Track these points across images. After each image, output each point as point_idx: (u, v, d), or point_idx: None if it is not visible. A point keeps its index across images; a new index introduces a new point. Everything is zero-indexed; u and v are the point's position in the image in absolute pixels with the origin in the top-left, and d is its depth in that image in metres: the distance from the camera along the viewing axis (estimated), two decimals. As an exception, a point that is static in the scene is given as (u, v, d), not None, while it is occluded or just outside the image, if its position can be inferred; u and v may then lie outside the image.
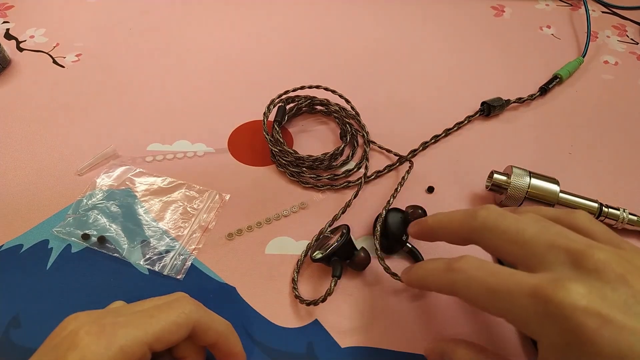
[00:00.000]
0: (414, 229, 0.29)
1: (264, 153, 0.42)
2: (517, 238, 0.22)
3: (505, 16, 0.61)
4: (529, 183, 0.36)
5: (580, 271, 0.20)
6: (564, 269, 0.20)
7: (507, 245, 0.23)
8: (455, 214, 0.26)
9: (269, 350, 0.30)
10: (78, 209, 0.36)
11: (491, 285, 0.21)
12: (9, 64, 0.49)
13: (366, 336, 0.31)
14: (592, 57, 0.55)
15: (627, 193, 0.41)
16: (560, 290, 0.19)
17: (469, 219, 0.25)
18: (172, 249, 0.35)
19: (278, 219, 0.37)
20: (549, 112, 0.48)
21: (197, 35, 0.54)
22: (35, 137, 0.42)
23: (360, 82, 0.50)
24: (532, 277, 0.20)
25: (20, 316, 0.31)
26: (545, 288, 0.19)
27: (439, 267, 0.24)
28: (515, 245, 0.22)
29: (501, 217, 0.24)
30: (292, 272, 0.34)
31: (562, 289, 0.19)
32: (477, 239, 0.24)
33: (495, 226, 0.23)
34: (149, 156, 0.41)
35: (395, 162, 0.41)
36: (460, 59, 0.53)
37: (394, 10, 0.60)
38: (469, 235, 0.25)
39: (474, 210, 0.25)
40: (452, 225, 0.26)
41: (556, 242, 0.21)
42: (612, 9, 0.63)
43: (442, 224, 0.27)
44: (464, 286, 0.22)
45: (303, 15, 0.58)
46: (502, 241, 0.23)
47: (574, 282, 0.19)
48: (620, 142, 0.45)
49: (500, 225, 0.23)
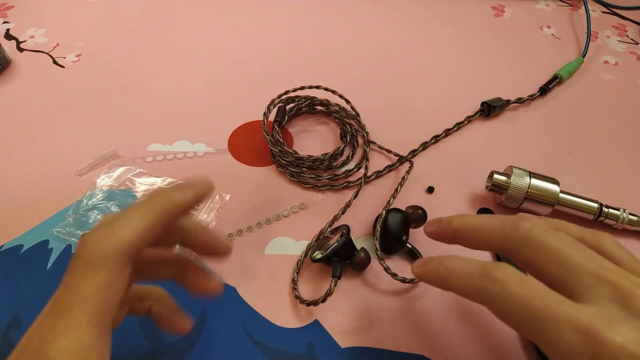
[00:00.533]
0: (432, 228, 0.27)
1: (264, 153, 0.42)
2: (562, 260, 0.21)
3: (505, 16, 0.61)
4: (529, 183, 0.36)
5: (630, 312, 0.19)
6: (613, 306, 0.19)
7: (551, 266, 0.21)
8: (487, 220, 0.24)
9: (269, 350, 0.30)
10: (78, 209, 0.36)
11: (534, 309, 0.20)
12: (9, 64, 0.49)
13: (366, 336, 0.31)
14: (592, 57, 0.55)
15: (627, 193, 0.41)
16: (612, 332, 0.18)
17: (507, 229, 0.23)
18: (172, 249, 0.35)
19: (278, 219, 0.37)
20: (549, 112, 0.48)
21: (197, 35, 0.54)
22: (35, 137, 0.42)
23: (360, 82, 0.50)
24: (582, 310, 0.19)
25: (21, 316, 0.31)
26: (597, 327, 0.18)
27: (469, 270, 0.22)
28: (561, 268, 0.21)
29: (545, 234, 0.22)
30: (292, 272, 0.34)
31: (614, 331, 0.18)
32: (514, 252, 0.23)
33: (538, 242, 0.22)
34: (149, 156, 0.41)
35: (395, 162, 0.41)
36: (460, 59, 0.53)
37: (394, 10, 0.60)
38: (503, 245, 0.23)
39: (513, 220, 0.23)
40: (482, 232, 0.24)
41: (604, 275, 0.20)
42: (612, 9, 0.63)
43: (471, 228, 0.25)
44: (500, 300, 0.21)
45: (303, 16, 0.58)
46: (544, 260, 0.22)
47: (626, 325, 0.19)
48: (620, 142, 0.45)
49: (545, 244, 0.22)
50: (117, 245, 0.19)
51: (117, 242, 0.19)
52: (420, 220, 0.35)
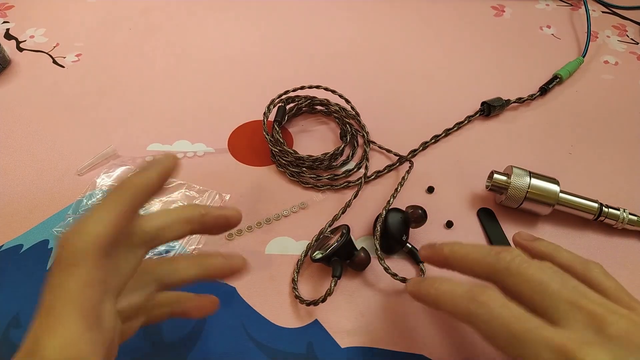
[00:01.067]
0: (426, 252, 0.29)
1: (264, 153, 0.42)
2: (541, 289, 0.23)
3: (505, 16, 0.61)
4: (529, 183, 0.36)
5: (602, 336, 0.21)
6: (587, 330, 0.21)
7: (530, 293, 0.23)
8: (474, 249, 0.26)
9: (269, 350, 0.30)
10: (78, 209, 0.36)
11: (515, 331, 0.21)
12: (9, 64, 0.49)
13: (366, 336, 0.31)
14: (592, 57, 0.55)
15: (627, 193, 0.41)
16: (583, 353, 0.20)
17: (490, 260, 0.25)
18: (172, 249, 0.35)
19: (278, 219, 0.37)
20: (549, 112, 0.48)
21: (197, 35, 0.54)
22: (35, 137, 0.42)
23: (361, 82, 0.50)
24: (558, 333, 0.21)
25: (20, 316, 0.31)
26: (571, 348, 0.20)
27: (458, 292, 0.24)
28: (539, 296, 0.23)
29: (525, 265, 0.24)
30: (292, 272, 0.34)
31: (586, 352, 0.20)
32: (498, 281, 0.25)
33: (518, 273, 0.24)
34: (149, 156, 0.41)
35: (395, 162, 0.41)
36: (461, 59, 0.53)
37: (394, 10, 0.60)
38: (488, 275, 0.25)
39: (496, 252, 0.25)
40: (468, 261, 0.26)
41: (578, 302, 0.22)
42: (612, 9, 0.63)
43: (459, 256, 0.27)
44: (484, 322, 0.23)
45: (303, 16, 0.58)
46: (524, 289, 0.24)
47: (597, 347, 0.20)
48: (620, 142, 0.45)
49: (524, 274, 0.24)
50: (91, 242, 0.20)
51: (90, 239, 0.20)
52: (420, 220, 0.35)
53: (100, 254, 0.20)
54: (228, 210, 0.26)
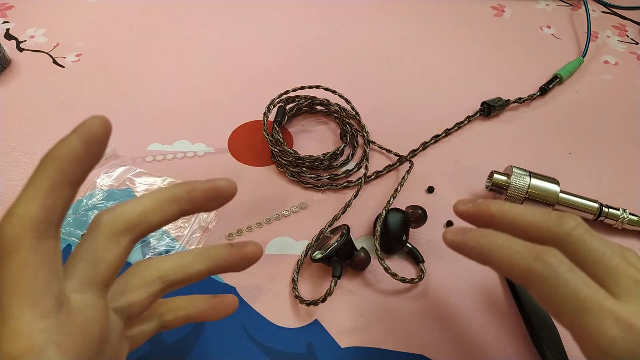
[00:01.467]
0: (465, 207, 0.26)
1: (264, 153, 0.42)
2: (603, 261, 0.22)
3: (505, 16, 0.61)
4: (529, 183, 0.36)
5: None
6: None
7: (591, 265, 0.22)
8: (531, 211, 0.25)
9: (269, 350, 0.30)
10: (78, 209, 0.36)
11: (583, 298, 0.21)
12: (9, 64, 0.49)
13: (366, 336, 0.31)
14: (592, 57, 0.55)
15: (627, 193, 0.41)
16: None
17: (552, 224, 0.24)
18: (172, 249, 0.35)
19: (278, 219, 0.37)
20: (549, 112, 0.48)
21: (197, 35, 0.54)
22: (35, 137, 0.42)
23: (360, 82, 0.50)
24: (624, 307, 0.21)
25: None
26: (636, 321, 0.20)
27: (517, 248, 0.23)
28: (600, 268, 0.22)
29: (588, 234, 0.23)
30: (292, 272, 0.34)
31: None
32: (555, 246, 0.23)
33: (581, 241, 0.23)
34: (149, 156, 0.41)
35: (395, 162, 0.41)
36: (461, 59, 0.53)
37: (394, 10, 0.60)
38: (545, 239, 0.24)
39: (558, 216, 0.24)
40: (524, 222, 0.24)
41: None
42: (612, 9, 0.63)
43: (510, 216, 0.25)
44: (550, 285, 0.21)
45: (303, 16, 0.58)
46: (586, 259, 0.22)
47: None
48: (620, 142, 0.45)
49: (587, 242, 0.23)
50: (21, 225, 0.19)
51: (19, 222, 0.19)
52: (420, 220, 0.35)
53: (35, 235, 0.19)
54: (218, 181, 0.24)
